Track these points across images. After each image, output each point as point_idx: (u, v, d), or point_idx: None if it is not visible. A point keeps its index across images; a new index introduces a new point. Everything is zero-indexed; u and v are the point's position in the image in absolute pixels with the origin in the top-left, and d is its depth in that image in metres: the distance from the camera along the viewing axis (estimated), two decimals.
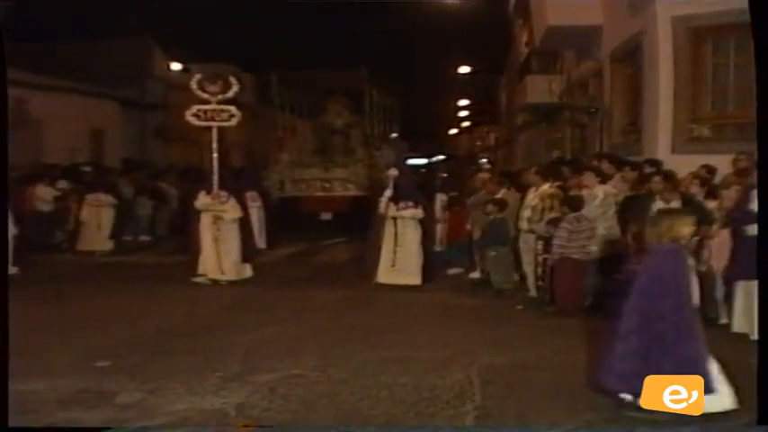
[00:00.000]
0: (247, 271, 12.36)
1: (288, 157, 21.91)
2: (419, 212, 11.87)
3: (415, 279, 11.66)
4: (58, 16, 26.31)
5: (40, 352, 7.45)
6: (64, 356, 7.51)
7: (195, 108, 12.20)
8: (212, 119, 12.15)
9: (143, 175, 20.64)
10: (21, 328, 5.92)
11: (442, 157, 46.74)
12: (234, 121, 12.25)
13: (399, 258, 11.69)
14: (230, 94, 12.23)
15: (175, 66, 33.18)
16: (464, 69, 41.49)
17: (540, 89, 24.79)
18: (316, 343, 8.21)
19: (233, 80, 12.38)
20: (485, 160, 34.97)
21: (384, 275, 11.70)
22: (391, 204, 11.86)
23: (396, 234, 11.74)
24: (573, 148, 21.39)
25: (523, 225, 10.89)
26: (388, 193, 11.96)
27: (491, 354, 7.74)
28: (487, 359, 7.53)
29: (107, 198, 16.46)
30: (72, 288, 12.01)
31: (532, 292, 10.75)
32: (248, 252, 12.49)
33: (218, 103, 12.18)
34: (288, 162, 21.72)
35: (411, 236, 11.76)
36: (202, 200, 12.25)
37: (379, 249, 11.78)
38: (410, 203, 11.84)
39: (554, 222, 10.02)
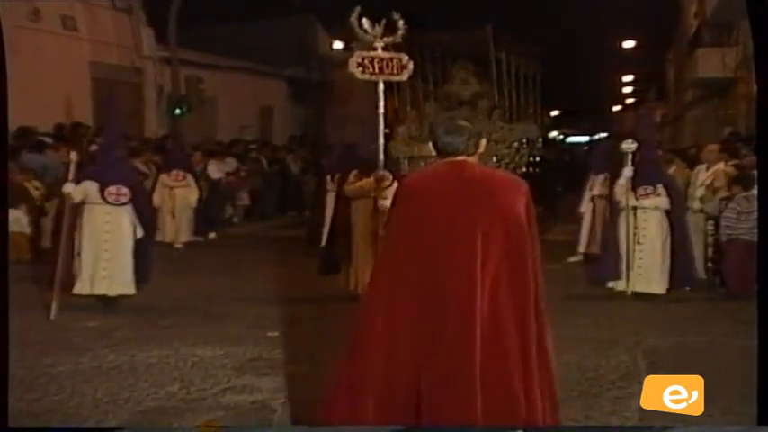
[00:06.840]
0: None
1: (405, 131, 19.52)
2: (664, 200, 9.38)
3: (658, 287, 9.38)
4: None
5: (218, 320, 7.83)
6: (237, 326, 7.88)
7: (360, 56, 9.09)
8: (381, 71, 9.16)
9: (308, 152, 21.21)
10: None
11: (603, 134, 45.54)
12: (405, 75, 9.20)
13: (640, 260, 9.39)
14: (398, 37, 9.03)
15: (337, 44, 33.81)
16: (629, 44, 40.20)
17: (712, 63, 23.79)
18: None
19: (398, 18, 9.13)
20: None
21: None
22: (629, 190, 9.33)
23: (635, 229, 9.37)
24: (748, 125, 20.44)
25: (695, 204, 10.51)
26: (628, 173, 9.26)
27: (657, 336, 7.59)
28: (653, 341, 7.38)
29: (184, 177, 13.72)
30: (242, 260, 12.66)
31: (701, 274, 10.40)
32: None
33: (384, 49, 9.12)
34: (404, 137, 19.35)
35: (654, 231, 9.40)
36: (361, 183, 9.01)
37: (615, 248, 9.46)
38: (650, 189, 9.33)
39: (725, 202, 9.72)
